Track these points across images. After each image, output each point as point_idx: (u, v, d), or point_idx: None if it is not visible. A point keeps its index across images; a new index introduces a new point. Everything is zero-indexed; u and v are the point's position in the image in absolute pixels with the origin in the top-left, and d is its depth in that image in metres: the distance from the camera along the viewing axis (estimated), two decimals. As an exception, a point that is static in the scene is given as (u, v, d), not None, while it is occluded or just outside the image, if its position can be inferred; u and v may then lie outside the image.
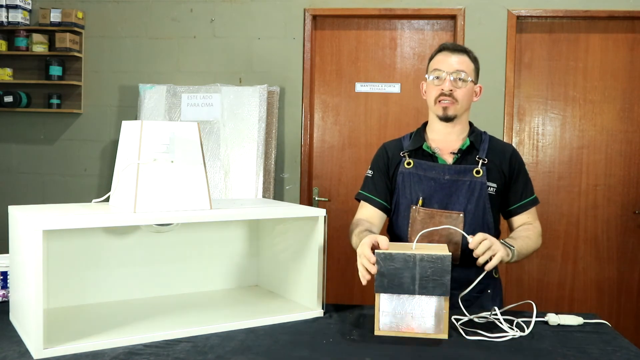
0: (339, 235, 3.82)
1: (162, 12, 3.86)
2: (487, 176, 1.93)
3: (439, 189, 1.92)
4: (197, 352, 1.43)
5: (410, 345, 1.51)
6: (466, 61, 1.95)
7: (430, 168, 1.94)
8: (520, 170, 2.01)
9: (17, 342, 1.47)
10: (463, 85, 1.93)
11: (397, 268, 1.54)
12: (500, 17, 3.65)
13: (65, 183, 3.95)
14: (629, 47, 3.67)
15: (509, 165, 1.97)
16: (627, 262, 3.71)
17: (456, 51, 1.95)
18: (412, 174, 1.96)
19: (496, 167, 1.95)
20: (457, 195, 1.91)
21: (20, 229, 1.49)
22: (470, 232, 1.83)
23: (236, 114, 3.66)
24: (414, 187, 1.95)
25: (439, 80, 1.93)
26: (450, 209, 1.91)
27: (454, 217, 1.90)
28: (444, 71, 1.92)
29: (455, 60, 1.93)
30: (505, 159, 1.97)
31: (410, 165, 1.97)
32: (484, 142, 1.99)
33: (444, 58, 1.94)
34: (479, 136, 2.00)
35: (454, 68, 1.92)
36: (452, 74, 1.91)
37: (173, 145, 1.61)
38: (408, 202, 1.95)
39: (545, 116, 3.73)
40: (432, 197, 1.92)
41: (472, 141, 1.97)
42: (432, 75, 1.96)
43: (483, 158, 1.94)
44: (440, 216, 1.90)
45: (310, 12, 3.75)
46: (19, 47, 3.82)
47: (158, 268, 1.88)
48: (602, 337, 1.60)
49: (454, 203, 1.91)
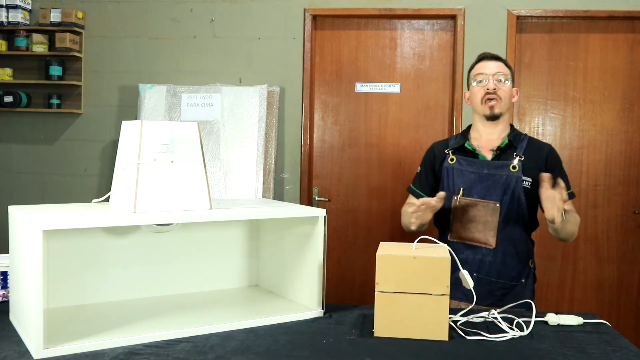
0: (339, 235, 3.82)
1: (162, 12, 3.86)
2: (522, 171, 2.10)
3: (478, 182, 2.13)
4: (197, 352, 1.43)
5: (410, 345, 1.51)
6: (503, 66, 2.19)
7: (471, 163, 2.16)
8: (556, 165, 2.17)
9: (17, 342, 1.47)
10: (503, 86, 2.15)
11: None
12: (500, 17, 3.65)
13: (65, 183, 3.95)
14: (629, 47, 3.67)
15: (545, 161, 2.15)
16: (627, 262, 3.71)
17: (494, 58, 2.20)
18: (454, 168, 2.18)
19: (533, 163, 2.13)
20: (494, 188, 2.10)
21: (20, 229, 1.49)
22: (506, 220, 2.08)
23: (236, 114, 3.66)
24: (457, 179, 2.16)
25: (482, 83, 2.16)
26: (488, 199, 2.10)
27: (491, 206, 2.09)
28: (487, 74, 2.15)
29: (495, 65, 2.17)
30: (542, 156, 2.16)
31: (453, 161, 2.19)
32: (523, 141, 2.18)
33: (484, 64, 2.19)
34: (518, 136, 2.20)
35: (495, 71, 2.16)
36: (493, 76, 2.15)
37: (173, 145, 1.61)
38: (450, 193, 2.16)
39: (545, 116, 3.73)
40: (472, 189, 2.13)
41: (511, 140, 2.17)
42: (475, 81, 2.19)
43: (520, 155, 2.13)
44: (478, 205, 2.11)
45: (310, 12, 3.75)
46: (19, 47, 3.82)
47: (158, 268, 1.89)
48: (602, 337, 1.60)
49: (491, 194, 2.10)
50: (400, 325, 1.56)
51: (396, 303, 1.56)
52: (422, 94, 3.76)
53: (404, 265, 1.55)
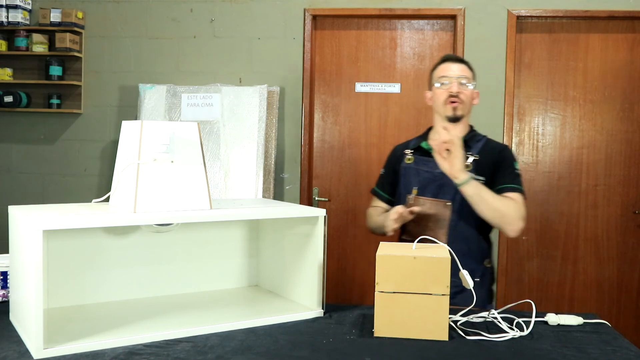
0: (339, 235, 3.82)
1: (162, 12, 3.86)
2: (476, 170, 2.12)
3: (431, 181, 2.17)
4: (197, 352, 1.43)
5: (410, 345, 1.51)
6: (466, 69, 2.21)
7: (426, 163, 2.20)
8: (506, 161, 2.16)
9: (17, 342, 1.47)
10: (466, 89, 2.18)
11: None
12: (500, 17, 3.65)
13: (65, 183, 3.95)
14: (629, 47, 3.67)
15: (497, 158, 2.16)
16: (627, 262, 3.71)
17: (457, 61, 2.23)
18: (411, 168, 2.23)
19: (487, 162, 2.15)
20: (447, 187, 2.12)
21: (20, 229, 1.49)
22: (458, 219, 2.11)
23: (236, 113, 3.66)
24: (412, 179, 2.21)
25: (445, 86, 2.18)
26: (441, 198, 2.14)
27: (442, 205, 2.13)
28: (450, 77, 2.17)
29: (458, 68, 2.20)
30: (495, 154, 2.17)
31: (410, 160, 2.25)
32: (479, 141, 2.21)
33: (448, 67, 2.21)
34: (475, 137, 2.22)
35: (458, 74, 2.18)
36: (457, 79, 2.17)
37: (173, 145, 1.61)
38: (406, 192, 2.21)
39: (545, 116, 3.73)
40: (425, 188, 2.17)
41: (467, 140, 2.18)
42: (438, 82, 2.20)
43: (475, 155, 2.15)
44: (431, 204, 2.15)
45: (310, 12, 3.75)
46: (19, 47, 3.82)
47: (158, 268, 1.89)
48: (602, 337, 1.60)
49: (444, 193, 2.14)
50: (400, 325, 1.56)
51: (396, 303, 1.56)
52: (422, 94, 3.76)
53: (404, 265, 1.55)
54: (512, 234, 2.05)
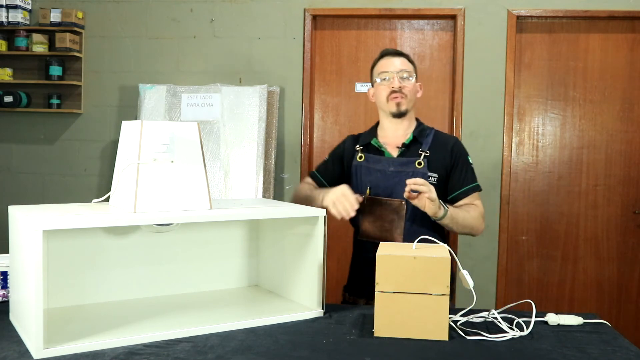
0: (339, 235, 3.82)
1: (162, 12, 3.86)
2: (428, 167, 2.11)
3: (384, 180, 2.12)
4: (197, 352, 1.43)
5: (410, 345, 1.51)
6: (407, 63, 2.17)
7: (378, 161, 2.16)
8: (460, 158, 2.15)
9: (17, 342, 1.47)
10: (408, 82, 2.14)
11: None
12: (500, 17, 3.65)
13: (65, 183, 3.95)
14: (629, 47, 3.67)
15: (450, 155, 2.14)
16: (627, 262, 3.71)
17: (397, 55, 2.18)
18: (362, 166, 2.18)
19: (438, 158, 2.13)
20: (400, 185, 2.05)
21: (20, 229, 1.49)
22: (413, 218, 2.07)
23: (236, 114, 3.66)
24: (364, 178, 2.16)
25: (387, 81, 2.14)
26: (394, 197, 2.10)
27: (396, 204, 2.09)
28: (391, 72, 2.13)
29: (399, 62, 2.15)
30: (447, 150, 2.14)
31: (361, 159, 2.19)
32: (428, 136, 2.17)
33: (388, 61, 2.16)
34: (423, 131, 2.19)
35: (399, 68, 2.14)
36: (398, 74, 2.12)
37: (173, 145, 1.61)
38: (359, 191, 2.13)
39: (545, 116, 3.73)
40: (378, 187, 2.13)
41: (416, 135, 2.16)
42: (379, 78, 2.16)
43: (425, 151, 2.12)
44: (384, 203, 2.11)
45: (310, 12, 3.75)
46: (19, 47, 3.82)
47: (158, 268, 1.89)
48: (602, 337, 1.60)
49: (397, 192, 2.09)
50: (400, 325, 1.56)
51: (396, 303, 1.56)
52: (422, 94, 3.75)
53: (404, 265, 1.56)
54: (477, 236, 2.15)
